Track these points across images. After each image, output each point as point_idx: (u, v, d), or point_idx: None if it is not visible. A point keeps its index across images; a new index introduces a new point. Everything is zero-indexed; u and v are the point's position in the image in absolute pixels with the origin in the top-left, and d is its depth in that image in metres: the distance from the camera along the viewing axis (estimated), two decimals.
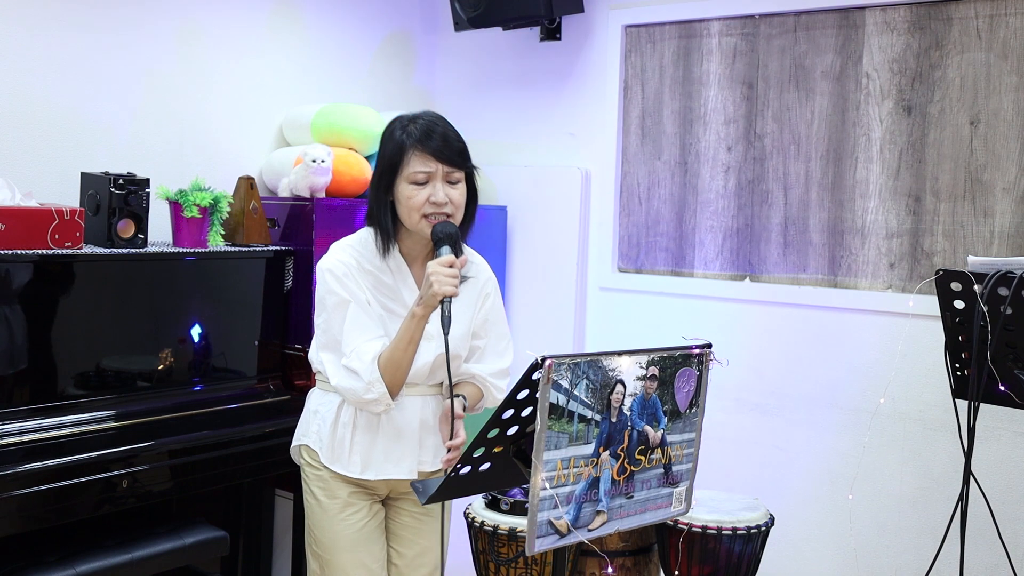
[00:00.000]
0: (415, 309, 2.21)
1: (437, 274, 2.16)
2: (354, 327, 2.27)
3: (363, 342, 2.26)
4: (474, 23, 3.87)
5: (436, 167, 2.25)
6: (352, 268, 2.31)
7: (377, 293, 2.33)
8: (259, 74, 3.70)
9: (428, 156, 2.25)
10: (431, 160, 2.25)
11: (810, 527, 3.47)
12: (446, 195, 2.25)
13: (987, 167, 3.17)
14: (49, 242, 2.74)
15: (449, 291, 2.15)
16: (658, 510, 1.98)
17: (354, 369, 2.24)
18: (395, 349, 2.24)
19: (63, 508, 2.56)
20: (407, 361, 2.25)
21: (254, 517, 3.36)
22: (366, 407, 2.28)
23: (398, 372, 2.25)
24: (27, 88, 3.06)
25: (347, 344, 2.26)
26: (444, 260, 2.18)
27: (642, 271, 3.89)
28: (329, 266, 2.32)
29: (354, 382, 2.24)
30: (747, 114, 3.61)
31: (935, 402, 3.21)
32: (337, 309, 2.29)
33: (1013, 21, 3.11)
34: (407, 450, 2.35)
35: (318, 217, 3.33)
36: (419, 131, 2.26)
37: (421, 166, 2.25)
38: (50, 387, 2.76)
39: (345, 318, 2.27)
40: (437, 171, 2.25)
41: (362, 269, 2.33)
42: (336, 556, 2.37)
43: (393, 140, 2.29)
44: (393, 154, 2.28)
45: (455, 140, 2.29)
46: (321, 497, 2.38)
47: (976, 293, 2.51)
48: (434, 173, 2.25)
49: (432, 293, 2.15)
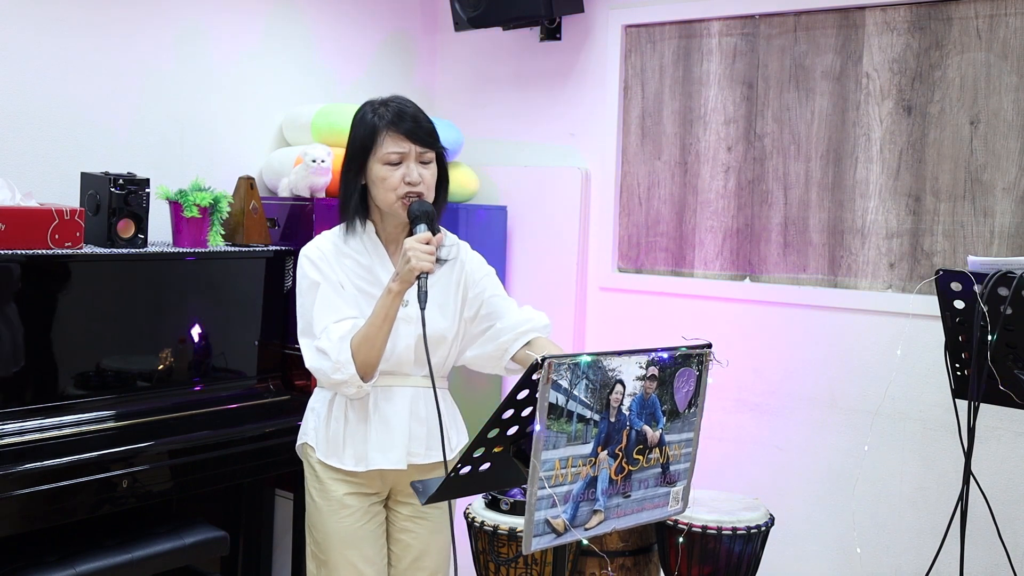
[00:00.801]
0: (391, 285, 2.22)
1: (414, 250, 2.17)
2: (324, 307, 2.29)
3: (333, 322, 2.27)
4: (474, 23, 3.87)
5: (409, 148, 2.29)
6: (328, 252, 2.34)
7: (353, 276, 2.35)
8: (259, 74, 3.70)
9: (401, 137, 2.28)
10: (404, 141, 2.28)
11: (810, 527, 3.47)
12: (419, 175, 2.29)
13: (987, 167, 3.16)
14: (49, 242, 2.75)
15: (426, 267, 2.17)
16: (655, 509, 1.98)
17: (323, 349, 2.25)
18: (370, 326, 2.24)
19: (63, 508, 2.56)
20: (381, 340, 2.24)
21: (254, 517, 3.37)
22: (338, 389, 2.28)
23: (372, 351, 2.24)
24: (27, 88, 3.06)
25: (317, 324, 2.28)
26: (421, 237, 2.21)
27: (642, 271, 3.89)
28: (305, 251, 2.36)
29: (323, 362, 2.25)
30: (747, 114, 3.61)
31: (935, 402, 3.21)
32: (309, 292, 2.31)
33: (1013, 21, 3.11)
34: (397, 440, 2.35)
35: (318, 217, 3.33)
36: (391, 113, 2.30)
37: (394, 147, 2.28)
38: (50, 387, 2.76)
39: (315, 300, 2.29)
40: (410, 152, 2.29)
41: (340, 253, 2.35)
42: (330, 556, 2.38)
43: (365, 123, 2.32)
44: (365, 136, 2.31)
45: (425, 121, 2.33)
46: (317, 497, 2.39)
47: (976, 293, 2.51)
48: (407, 154, 2.29)
49: (409, 268, 2.17)
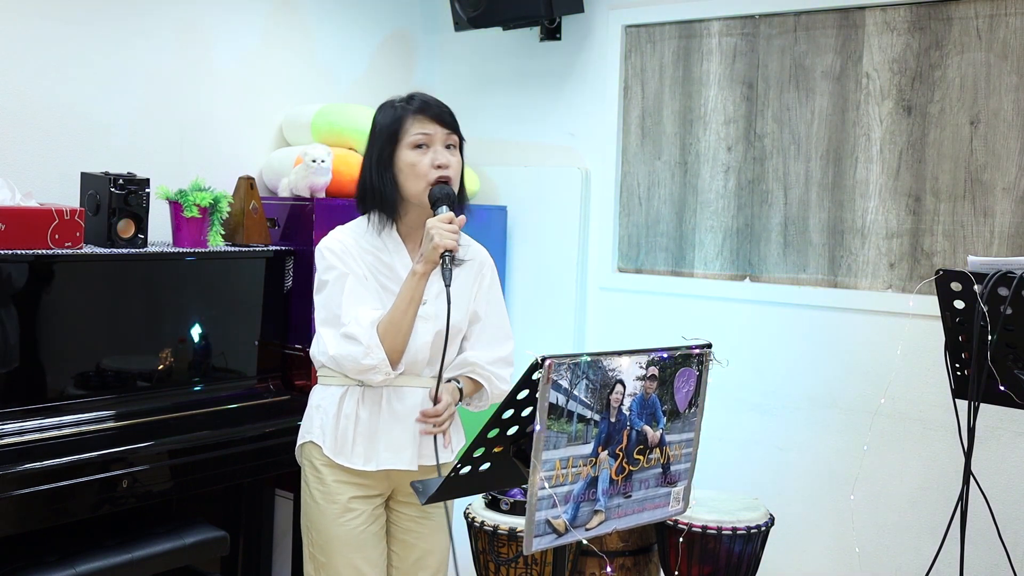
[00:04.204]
0: (416, 267, 2.23)
1: (437, 228, 2.18)
2: (352, 298, 2.29)
3: (362, 310, 2.28)
4: (474, 23, 3.87)
5: (435, 130, 2.31)
6: (350, 246, 2.35)
7: (375, 272, 2.35)
8: (259, 74, 3.70)
9: (427, 119, 2.31)
10: (430, 123, 2.30)
11: (810, 527, 3.47)
12: (447, 159, 2.31)
13: (987, 167, 3.16)
14: (49, 242, 2.74)
15: (450, 243, 2.17)
16: (655, 509, 1.98)
17: (352, 335, 2.25)
18: (395, 310, 2.25)
19: (63, 508, 2.56)
20: (407, 324, 2.26)
21: (254, 517, 3.36)
22: (365, 375, 2.27)
23: (398, 336, 2.25)
24: (27, 88, 3.06)
25: (346, 313, 2.28)
26: (444, 216, 2.22)
27: (642, 271, 3.89)
28: (327, 244, 2.36)
29: (352, 348, 2.25)
30: (747, 114, 3.61)
31: (935, 402, 3.21)
32: (336, 283, 2.31)
33: (1013, 21, 3.11)
34: (407, 441, 2.35)
35: (318, 217, 3.33)
36: (416, 102, 2.33)
37: (420, 128, 2.30)
38: (50, 387, 2.76)
39: (343, 290, 2.29)
40: (436, 134, 2.31)
41: (360, 247, 2.36)
42: (332, 559, 2.37)
43: (389, 113, 2.35)
44: (391, 124, 2.33)
45: (447, 108, 2.36)
46: (320, 500, 2.38)
47: (976, 293, 2.51)
48: (433, 136, 2.31)
49: (433, 246, 2.17)
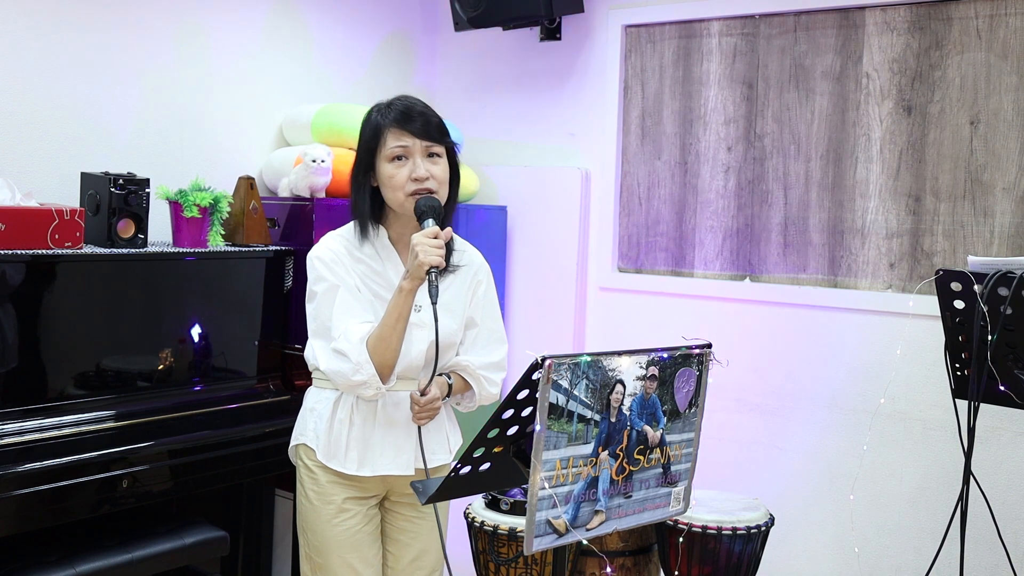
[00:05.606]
0: (402, 283, 2.21)
1: (422, 244, 2.17)
2: (343, 310, 2.28)
3: (352, 325, 2.26)
4: (474, 23, 3.86)
5: (412, 142, 2.28)
6: (341, 255, 2.33)
7: (368, 280, 2.34)
8: (259, 74, 3.70)
9: (403, 132, 2.28)
10: (406, 135, 2.28)
11: (810, 527, 3.47)
12: (427, 170, 2.27)
13: (987, 167, 3.16)
14: (49, 242, 2.74)
15: (435, 260, 2.16)
16: (656, 510, 1.98)
17: (342, 351, 2.24)
18: (384, 327, 2.23)
19: (63, 508, 2.56)
20: (396, 340, 2.24)
21: (254, 517, 3.36)
22: (356, 391, 2.26)
23: (388, 352, 2.23)
24: (27, 88, 3.06)
25: (336, 327, 2.27)
26: (429, 231, 2.20)
27: (642, 271, 3.89)
28: (318, 254, 2.34)
29: (342, 364, 2.24)
30: (747, 114, 3.61)
31: (935, 402, 3.21)
32: (327, 295, 2.30)
33: (1013, 21, 3.11)
34: (404, 446, 2.35)
35: (318, 217, 3.33)
36: (394, 111, 2.31)
37: (396, 141, 2.28)
38: (50, 387, 2.76)
39: (334, 302, 2.28)
40: (414, 146, 2.28)
41: (352, 256, 2.34)
42: (328, 559, 2.37)
43: (370, 124, 2.34)
44: (370, 137, 2.32)
45: (432, 116, 2.33)
46: (315, 501, 2.38)
47: (976, 293, 2.51)
48: (411, 148, 2.28)
49: (418, 263, 2.16)
